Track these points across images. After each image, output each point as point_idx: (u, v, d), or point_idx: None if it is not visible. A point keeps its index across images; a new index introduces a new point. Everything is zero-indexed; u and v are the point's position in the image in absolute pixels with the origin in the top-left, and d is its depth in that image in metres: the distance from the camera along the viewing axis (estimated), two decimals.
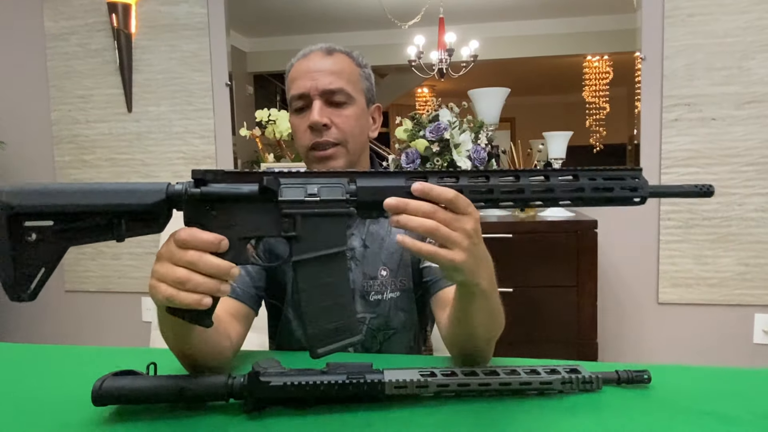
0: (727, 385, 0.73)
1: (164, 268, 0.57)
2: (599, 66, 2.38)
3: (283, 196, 0.58)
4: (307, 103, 0.97)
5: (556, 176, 0.63)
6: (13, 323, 2.88)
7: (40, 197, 0.54)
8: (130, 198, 0.56)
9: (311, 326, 0.58)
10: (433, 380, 0.67)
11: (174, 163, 2.65)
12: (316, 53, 1.00)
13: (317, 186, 0.58)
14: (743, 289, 2.23)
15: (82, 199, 0.55)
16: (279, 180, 0.58)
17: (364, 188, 0.59)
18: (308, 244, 0.58)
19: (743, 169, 2.20)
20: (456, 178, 0.62)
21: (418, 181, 0.60)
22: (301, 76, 0.97)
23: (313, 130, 0.96)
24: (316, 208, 0.58)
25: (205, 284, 0.56)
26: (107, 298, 2.76)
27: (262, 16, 2.62)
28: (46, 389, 0.75)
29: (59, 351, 0.95)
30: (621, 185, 0.63)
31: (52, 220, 0.55)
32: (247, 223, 0.58)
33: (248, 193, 0.57)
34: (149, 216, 0.57)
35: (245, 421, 0.64)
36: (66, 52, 2.68)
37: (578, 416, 0.64)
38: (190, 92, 2.61)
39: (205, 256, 0.56)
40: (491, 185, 0.61)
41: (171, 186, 0.58)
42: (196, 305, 0.57)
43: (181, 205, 0.57)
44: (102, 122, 2.69)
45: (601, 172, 0.64)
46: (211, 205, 0.57)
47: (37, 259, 0.56)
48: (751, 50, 2.16)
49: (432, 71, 2.42)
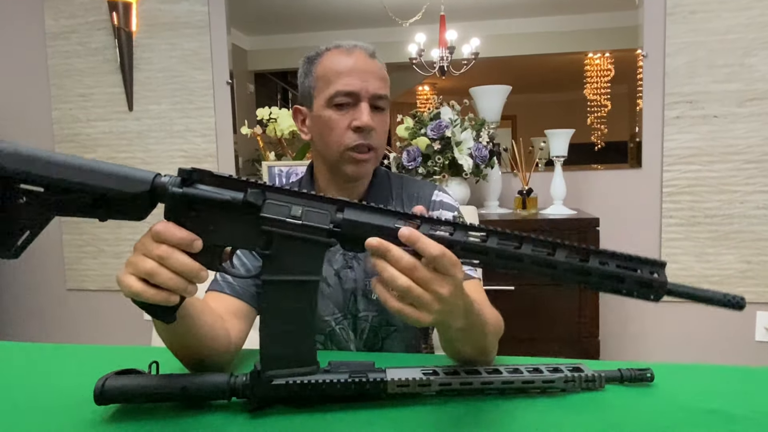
0: (729, 383, 0.73)
1: (136, 258, 0.57)
2: (600, 63, 2.38)
3: (266, 212, 0.56)
4: (353, 101, 0.95)
5: (565, 251, 0.56)
6: (14, 322, 2.88)
7: (35, 164, 0.54)
8: (118, 183, 0.56)
9: (268, 347, 0.55)
10: (436, 379, 0.67)
11: (175, 161, 2.65)
12: (360, 52, 0.97)
13: (302, 208, 0.56)
14: (745, 286, 2.23)
15: (73, 175, 0.55)
16: (265, 194, 0.56)
17: (350, 221, 0.56)
18: (281, 266, 0.56)
19: (745, 167, 2.19)
20: (451, 230, 0.57)
21: (408, 227, 0.56)
22: (351, 72, 0.95)
23: (358, 131, 0.95)
24: (296, 231, 0.55)
25: (171, 281, 0.56)
26: (108, 296, 2.76)
27: (262, 14, 2.61)
28: (48, 388, 0.75)
29: (61, 350, 0.95)
30: (635, 278, 0.56)
31: (42, 188, 0.55)
32: (225, 230, 0.57)
33: (230, 201, 0.56)
34: (132, 203, 0.57)
35: (247, 419, 0.63)
36: (67, 51, 2.68)
37: (581, 415, 0.64)
38: (191, 90, 2.61)
39: (176, 252, 0.56)
40: (486, 247, 0.56)
41: (157, 178, 0.57)
42: (162, 302, 0.57)
43: (164, 198, 0.57)
44: (103, 121, 2.69)
45: (616, 258, 0.57)
46: (192, 205, 0.56)
47: (25, 220, 0.56)
48: (753, 47, 2.15)
49: (433, 69, 2.41)
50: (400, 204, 1.06)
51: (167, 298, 0.57)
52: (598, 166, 2.38)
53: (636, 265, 0.56)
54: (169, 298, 0.57)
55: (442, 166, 2.00)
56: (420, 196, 1.07)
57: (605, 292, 0.56)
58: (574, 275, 0.56)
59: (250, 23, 2.63)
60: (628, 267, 0.56)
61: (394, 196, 1.07)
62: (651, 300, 0.56)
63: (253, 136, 2.32)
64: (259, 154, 2.40)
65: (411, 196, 1.07)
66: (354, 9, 2.50)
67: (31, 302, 2.87)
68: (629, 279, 0.55)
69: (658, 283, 0.55)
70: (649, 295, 0.56)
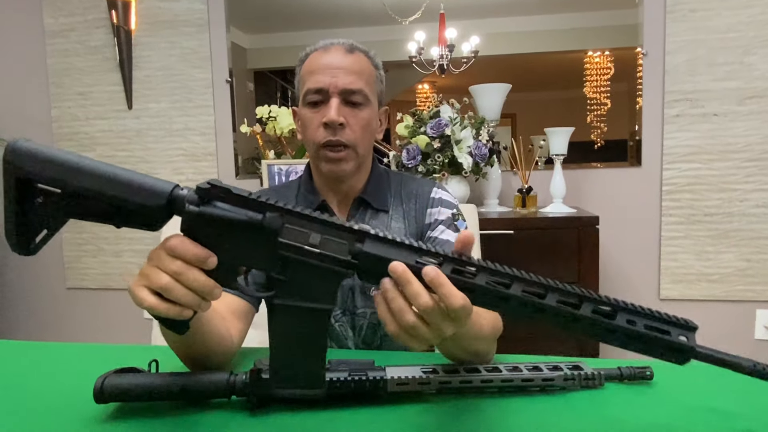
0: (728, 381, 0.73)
1: (150, 271, 0.56)
2: (600, 62, 2.38)
3: (283, 237, 0.54)
4: (323, 98, 0.96)
5: (591, 305, 0.52)
6: (14, 320, 2.88)
7: (53, 167, 0.53)
8: (135, 194, 0.54)
9: (275, 366, 0.54)
10: (435, 377, 0.67)
11: (174, 160, 2.65)
12: (337, 48, 0.98)
13: (321, 236, 0.54)
14: (745, 285, 2.23)
15: (90, 181, 0.54)
16: (284, 218, 0.54)
17: (369, 254, 0.53)
18: (295, 292, 0.54)
19: (745, 165, 2.19)
20: (474, 272, 0.53)
21: (433, 268, 0.52)
22: (321, 70, 0.96)
23: (327, 128, 0.96)
24: (313, 259, 0.54)
25: (185, 297, 0.55)
26: (108, 295, 2.76)
27: (262, 13, 2.61)
28: (48, 387, 0.75)
29: (61, 348, 0.95)
30: (664, 342, 0.52)
31: (60, 190, 0.55)
32: (241, 250, 0.56)
33: (248, 222, 0.54)
34: (148, 214, 0.56)
35: (247, 418, 0.64)
36: (65, 49, 2.68)
37: (581, 413, 0.64)
38: (190, 89, 2.61)
39: (192, 269, 0.55)
40: (508, 294, 0.52)
41: (176, 190, 0.55)
42: (175, 317, 0.56)
43: (180, 210, 0.55)
44: (102, 119, 2.69)
45: (645, 316, 0.53)
46: (209, 222, 0.55)
47: (41, 219, 0.56)
48: (753, 45, 2.15)
49: (433, 67, 2.41)
50: (399, 201, 1.06)
51: (180, 313, 0.56)
52: (598, 165, 2.38)
53: (666, 326, 0.53)
54: (182, 313, 0.56)
55: (441, 164, 2.00)
56: (419, 194, 1.07)
57: (627, 349, 0.53)
58: (597, 331, 0.52)
59: (250, 21, 2.63)
60: (657, 328, 0.52)
61: (392, 194, 1.07)
62: (676, 363, 0.54)
63: (252, 134, 2.32)
64: (259, 152, 2.40)
65: (410, 193, 1.07)
66: (353, 7, 2.50)
67: (31, 301, 2.87)
68: (657, 342, 0.52)
69: (688, 348, 0.52)
70: (676, 359, 0.53)
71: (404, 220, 1.05)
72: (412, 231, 1.04)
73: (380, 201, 1.05)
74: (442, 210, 1.05)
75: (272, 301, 0.55)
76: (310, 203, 1.04)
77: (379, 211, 1.04)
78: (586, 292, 0.53)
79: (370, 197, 1.04)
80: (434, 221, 1.04)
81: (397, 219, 1.04)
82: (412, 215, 1.05)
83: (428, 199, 1.06)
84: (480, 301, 0.53)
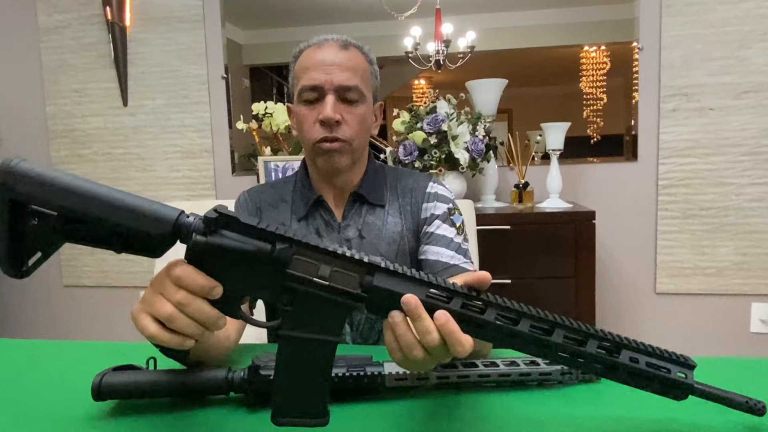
0: (724, 374, 0.73)
1: (154, 298, 0.54)
2: (596, 56, 2.38)
3: (292, 269, 0.52)
4: (319, 95, 0.96)
5: (595, 345, 0.53)
6: (10, 319, 2.88)
7: (50, 190, 0.51)
8: (138, 222, 0.52)
9: (279, 395, 0.53)
10: (433, 372, 0.67)
11: (170, 156, 2.64)
12: (331, 44, 0.97)
13: (330, 269, 0.52)
14: (740, 278, 2.24)
15: (90, 207, 0.52)
16: (293, 248, 0.52)
17: (379, 288, 0.52)
18: (301, 323, 0.53)
19: (740, 159, 2.20)
20: (483, 308, 0.53)
21: (444, 313, 0.51)
22: (315, 66, 0.95)
23: (323, 125, 0.95)
24: (322, 291, 0.52)
25: (188, 328, 0.54)
26: (105, 292, 2.76)
27: (257, 8, 2.60)
28: (46, 385, 0.75)
29: (58, 346, 0.95)
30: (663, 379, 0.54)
31: (56, 213, 0.52)
32: (247, 280, 0.54)
33: (256, 253, 0.53)
34: (151, 241, 0.54)
35: (246, 414, 0.64)
36: (60, 46, 2.67)
37: (577, 407, 0.64)
38: (185, 85, 2.60)
39: (196, 300, 0.53)
40: (516, 330, 0.52)
41: (181, 217, 0.54)
42: (177, 347, 0.55)
43: (185, 238, 0.54)
44: (97, 116, 2.68)
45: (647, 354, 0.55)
46: (216, 251, 0.53)
47: (35, 242, 0.54)
48: (748, 40, 2.15)
49: (429, 63, 2.41)
50: (395, 196, 1.06)
51: (182, 343, 0.55)
52: (594, 160, 2.38)
53: (666, 364, 0.55)
54: (184, 343, 0.55)
55: (438, 160, 2.00)
56: (415, 188, 1.07)
57: (627, 385, 0.55)
58: (601, 368, 0.54)
59: (245, 17, 2.62)
60: (658, 366, 0.55)
61: (388, 188, 1.07)
62: (673, 399, 0.55)
63: (248, 130, 2.31)
64: (255, 148, 2.40)
65: (406, 188, 1.07)
66: (349, 2, 2.49)
67: (29, 299, 2.86)
68: (657, 379, 0.54)
69: (686, 386, 0.55)
70: (674, 395, 0.55)
71: (400, 214, 1.05)
72: (408, 226, 1.05)
73: (376, 196, 1.05)
74: (437, 204, 1.05)
75: (277, 332, 0.54)
76: (306, 199, 1.04)
77: (376, 206, 1.05)
78: (592, 329, 0.54)
79: (366, 192, 1.04)
80: (430, 216, 1.04)
81: (393, 214, 1.05)
82: (408, 210, 1.05)
83: (424, 194, 1.06)
84: (488, 337, 0.53)
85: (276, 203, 1.07)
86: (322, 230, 1.04)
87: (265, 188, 1.10)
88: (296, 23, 2.57)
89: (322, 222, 1.04)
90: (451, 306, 0.52)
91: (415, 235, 1.05)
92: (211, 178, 2.64)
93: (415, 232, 1.05)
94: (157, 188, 2.67)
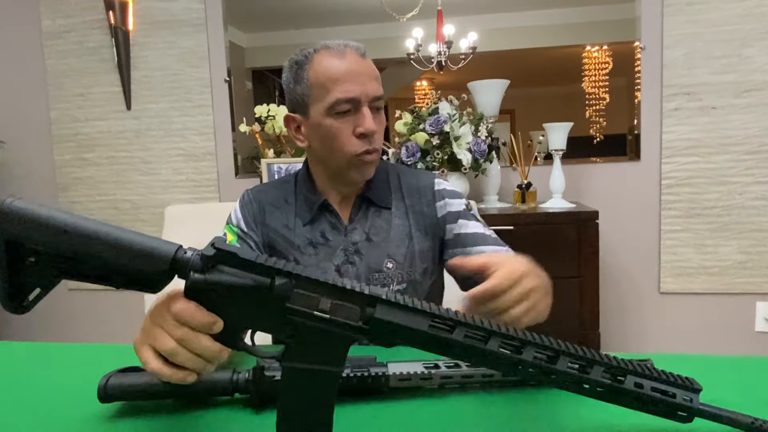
0: (729, 373, 0.73)
1: (156, 332, 0.55)
2: (599, 56, 2.38)
3: (292, 303, 0.52)
4: (353, 108, 0.94)
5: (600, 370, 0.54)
6: (16, 323, 2.89)
7: (45, 231, 0.51)
8: (136, 260, 0.52)
9: (283, 425, 0.53)
10: (437, 372, 0.68)
11: (174, 159, 2.65)
12: (352, 54, 0.95)
13: (331, 302, 0.52)
14: (744, 277, 2.24)
15: (86, 246, 0.52)
16: (292, 282, 0.52)
17: (380, 320, 0.52)
18: (303, 355, 0.53)
19: (743, 158, 2.20)
20: (486, 337, 0.53)
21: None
22: (348, 78, 0.92)
23: (362, 137, 0.95)
24: (323, 324, 0.52)
25: (190, 362, 0.54)
26: (110, 295, 2.76)
27: (259, 11, 2.61)
28: (53, 387, 0.76)
29: (63, 349, 0.95)
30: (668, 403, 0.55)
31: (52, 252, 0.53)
32: (247, 314, 0.54)
33: (255, 287, 0.53)
34: (149, 278, 0.54)
35: (250, 415, 0.64)
36: (63, 50, 2.68)
37: (581, 406, 0.64)
38: (188, 89, 2.61)
39: (198, 336, 0.54)
40: (520, 359, 0.53)
41: (179, 253, 0.53)
42: (180, 382, 0.56)
43: (183, 274, 0.54)
44: (101, 120, 2.69)
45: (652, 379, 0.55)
46: (214, 288, 0.53)
47: (34, 279, 0.54)
48: (750, 38, 2.15)
49: (431, 64, 2.41)
50: (401, 197, 1.06)
51: (184, 378, 0.55)
52: (597, 159, 2.38)
53: (671, 389, 0.55)
54: (186, 378, 0.55)
55: (441, 161, 2.00)
56: (420, 187, 1.07)
57: (633, 409, 0.55)
58: (605, 393, 0.55)
59: (247, 20, 2.63)
60: (663, 390, 0.55)
61: (393, 189, 1.07)
62: (679, 422, 0.56)
63: (251, 133, 2.32)
64: (258, 151, 2.41)
65: (411, 187, 1.07)
66: (350, 5, 2.50)
67: None
68: (662, 403, 0.55)
69: (692, 410, 0.55)
70: (680, 419, 0.56)
71: (407, 216, 1.04)
72: (417, 226, 1.04)
73: (382, 198, 1.05)
74: (450, 201, 1.05)
75: (279, 363, 0.54)
76: (311, 203, 1.04)
77: (382, 209, 1.04)
78: (596, 355, 0.54)
79: (372, 195, 1.04)
80: (448, 213, 1.04)
81: (400, 216, 1.04)
82: (417, 210, 1.05)
83: (433, 192, 1.06)
84: (492, 365, 0.54)
85: (279, 203, 1.07)
86: (328, 233, 1.03)
87: (268, 188, 1.10)
88: (298, 26, 2.57)
89: (328, 225, 1.03)
90: (453, 337, 0.52)
91: (427, 234, 1.04)
92: (214, 181, 2.64)
93: (426, 231, 1.04)
94: (160, 191, 2.68)
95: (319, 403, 0.54)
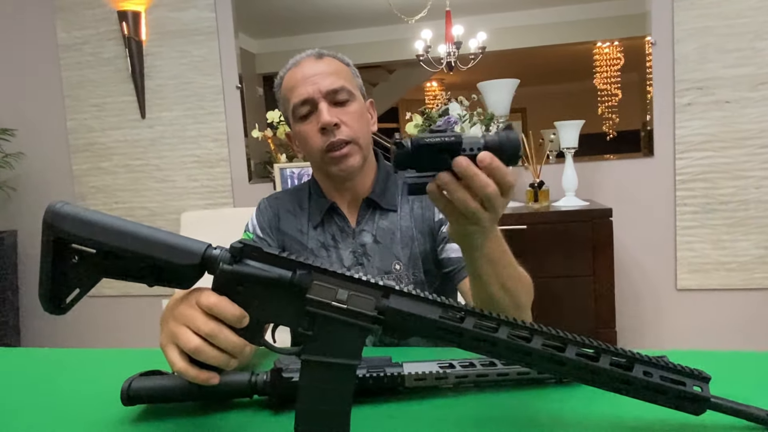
0: (747, 369, 0.73)
1: (180, 331, 0.57)
2: (610, 52, 2.36)
3: (312, 294, 0.55)
4: (312, 107, 0.98)
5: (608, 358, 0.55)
6: (37, 330, 2.94)
7: (92, 229, 0.56)
8: (169, 254, 0.56)
9: (302, 422, 0.55)
10: (452, 372, 0.68)
11: (188, 166, 2.69)
12: (307, 60, 1.02)
13: (348, 292, 0.55)
14: (763, 272, 2.21)
15: (126, 242, 0.56)
16: (312, 275, 0.56)
17: (394, 309, 0.55)
18: (321, 347, 0.55)
19: (759, 152, 2.17)
20: (495, 327, 0.55)
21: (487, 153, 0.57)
22: (300, 83, 0.98)
23: (324, 132, 0.97)
24: (340, 315, 0.55)
25: (216, 359, 0.56)
26: (127, 301, 2.80)
27: (269, 17, 2.64)
28: (77, 391, 0.77)
29: (85, 354, 0.97)
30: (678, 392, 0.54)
31: (95, 250, 0.57)
32: (269, 307, 0.57)
33: (278, 280, 0.56)
34: (181, 274, 0.57)
35: (269, 416, 0.65)
36: (79, 62, 2.73)
37: (597, 404, 0.64)
38: (201, 96, 2.64)
39: (225, 330, 0.56)
40: (529, 347, 0.54)
41: (209, 250, 0.57)
42: (204, 383, 0.57)
43: (213, 269, 0.57)
44: (117, 129, 2.73)
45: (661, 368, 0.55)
46: (241, 280, 0.56)
47: (74, 279, 0.58)
48: (763, 30, 2.13)
49: (440, 65, 2.42)
50: (406, 199, 1.07)
51: (209, 379, 0.57)
52: (610, 156, 2.37)
53: (681, 377, 0.55)
54: (210, 380, 0.57)
55: None
56: None
57: (640, 399, 0.55)
58: (615, 383, 0.55)
59: (257, 26, 2.65)
60: (673, 380, 0.55)
61: (399, 191, 1.08)
62: (691, 414, 0.55)
63: (264, 138, 2.34)
64: (271, 156, 2.43)
65: None
66: (359, 8, 2.51)
67: None
68: (672, 392, 0.54)
69: (703, 398, 0.55)
70: (692, 410, 0.55)
71: (411, 218, 1.05)
72: (420, 229, 1.05)
73: (388, 200, 1.06)
74: None
75: (299, 357, 0.56)
76: (320, 207, 1.06)
77: (389, 211, 1.05)
78: (604, 345, 0.55)
79: (378, 197, 1.05)
80: (442, 218, 1.05)
81: (405, 218, 1.05)
82: (419, 213, 1.06)
83: None
84: (503, 355, 0.55)
85: (294, 210, 1.09)
86: (337, 236, 1.05)
87: (284, 195, 1.13)
88: (307, 31, 2.60)
89: (336, 228, 1.05)
90: (464, 326, 0.54)
91: (426, 237, 1.05)
92: (228, 187, 2.67)
93: (426, 234, 1.05)
94: (176, 198, 2.71)
95: (337, 399, 0.55)
